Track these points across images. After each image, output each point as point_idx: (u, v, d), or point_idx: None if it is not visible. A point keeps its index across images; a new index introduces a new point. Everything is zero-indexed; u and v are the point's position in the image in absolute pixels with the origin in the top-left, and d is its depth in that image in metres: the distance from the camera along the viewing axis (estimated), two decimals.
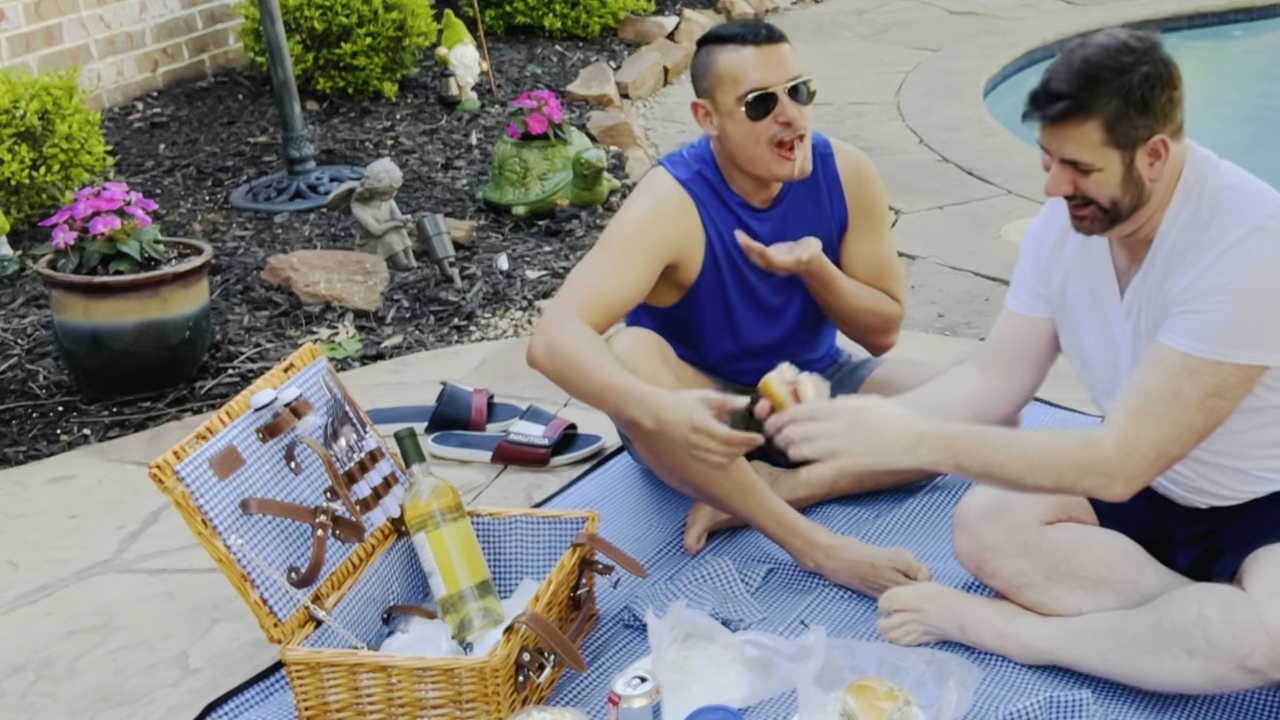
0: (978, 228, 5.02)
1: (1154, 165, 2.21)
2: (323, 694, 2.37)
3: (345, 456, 2.61)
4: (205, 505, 2.36)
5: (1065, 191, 2.26)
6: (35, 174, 4.77)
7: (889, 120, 6.46)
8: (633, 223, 2.82)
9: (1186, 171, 2.26)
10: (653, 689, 2.25)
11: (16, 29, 5.76)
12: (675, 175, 2.87)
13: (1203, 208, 2.23)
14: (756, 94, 2.74)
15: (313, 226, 5.05)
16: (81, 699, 2.61)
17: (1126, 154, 2.19)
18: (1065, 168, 2.24)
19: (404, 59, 6.39)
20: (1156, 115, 2.18)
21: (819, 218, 2.92)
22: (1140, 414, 2.20)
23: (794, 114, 2.75)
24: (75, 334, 3.69)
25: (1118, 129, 2.17)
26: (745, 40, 2.75)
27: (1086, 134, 2.18)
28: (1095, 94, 2.16)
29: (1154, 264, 2.28)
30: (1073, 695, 2.30)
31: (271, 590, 2.40)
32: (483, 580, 2.56)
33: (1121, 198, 2.23)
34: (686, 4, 8.34)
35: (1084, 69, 2.18)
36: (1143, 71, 2.17)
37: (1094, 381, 2.47)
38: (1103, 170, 2.20)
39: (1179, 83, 2.22)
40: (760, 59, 2.74)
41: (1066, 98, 2.18)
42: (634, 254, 2.78)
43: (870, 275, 2.97)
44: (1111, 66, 2.17)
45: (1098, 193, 2.23)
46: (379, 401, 3.61)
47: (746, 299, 2.92)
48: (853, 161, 2.97)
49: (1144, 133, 2.19)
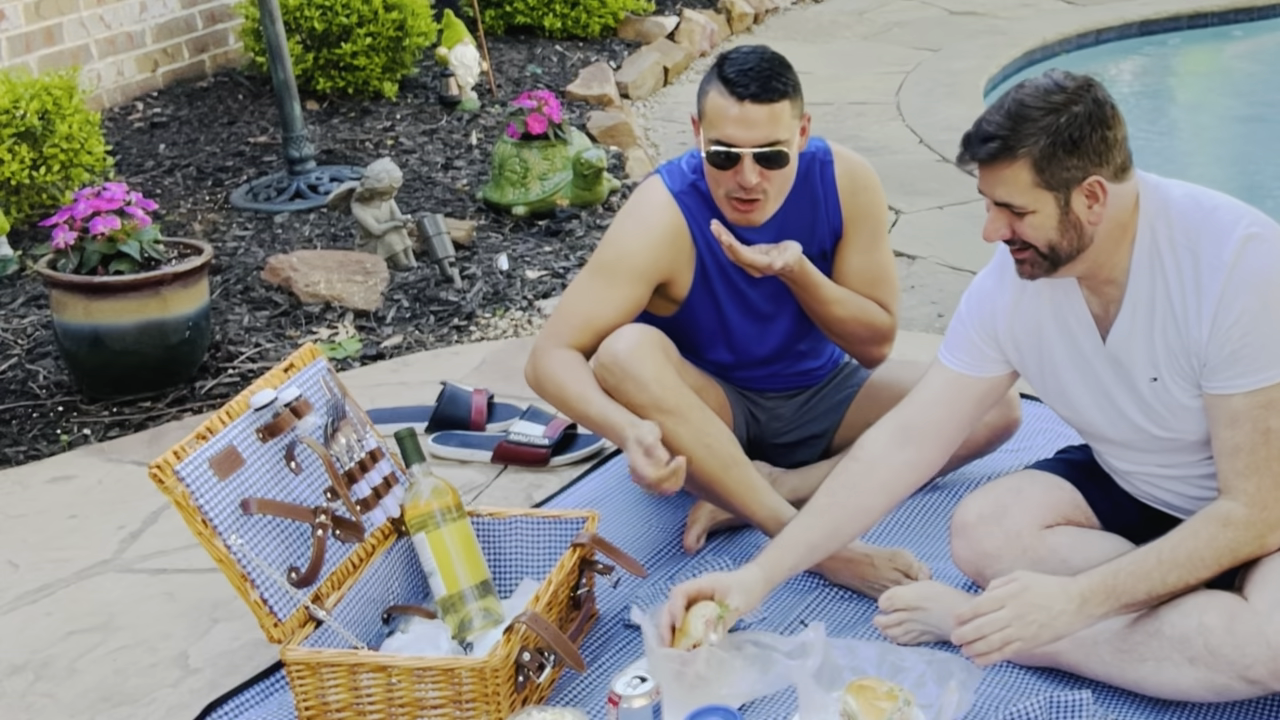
0: (978, 228, 5.00)
1: (1092, 208, 2.19)
2: (323, 694, 2.37)
3: (345, 456, 2.61)
4: (205, 505, 2.36)
5: (1003, 235, 2.25)
6: (35, 174, 4.77)
7: (889, 120, 6.46)
8: (621, 247, 2.81)
9: (1144, 203, 2.24)
10: (652, 689, 2.25)
11: (16, 29, 5.76)
12: (669, 187, 2.83)
13: (1176, 233, 2.21)
14: (722, 150, 2.68)
15: (313, 226, 5.05)
16: (81, 699, 2.61)
17: (1060, 195, 2.17)
18: (1001, 211, 2.22)
19: (404, 59, 6.39)
20: (1089, 155, 2.16)
21: (814, 227, 2.88)
22: (1251, 470, 2.20)
23: (752, 179, 2.68)
24: (75, 334, 3.69)
25: (1047, 170, 2.15)
26: (734, 90, 2.65)
27: (1016, 175, 2.17)
28: (1022, 134, 2.15)
29: (1141, 299, 2.26)
30: (1073, 695, 2.30)
31: (271, 590, 2.40)
32: (483, 580, 2.56)
33: (1059, 241, 2.21)
34: (686, 4, 8.34)
35: (1013, 109, 2.17)
36: (1073, 111, 2.15)
37: (1086, 425, 2.46)
38: (1036, 213, 2.19)
39: (1116, 123, 2.19)
40: (739, 116, 2.65)
41: (995, 139, 2.17)
42: (621, 279, 2.79)
43: (864, 285, 2.94)
44: (1040, 106, 2.16)
45: (1034, 236, 2.21)
46: (379, 401, 3.61)
47: (740, 309, 2.90)
48: (851, 170, 2.90)
49: (1077, 174, 2.16)
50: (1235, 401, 2.19)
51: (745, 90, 2.64)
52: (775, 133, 2.67)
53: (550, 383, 2.75)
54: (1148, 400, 2.32)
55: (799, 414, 3.06)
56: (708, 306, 2.89)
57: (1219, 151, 6.46)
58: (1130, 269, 2.25)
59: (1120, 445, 2.42)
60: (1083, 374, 2.38)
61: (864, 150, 3.06)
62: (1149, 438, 2.36)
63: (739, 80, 2.65)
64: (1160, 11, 8.31)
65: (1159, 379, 2.29)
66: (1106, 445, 2.47)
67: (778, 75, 2.67)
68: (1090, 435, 2.49)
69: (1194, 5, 8.42)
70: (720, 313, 2.90)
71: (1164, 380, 2.28)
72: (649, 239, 2.80)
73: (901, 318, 3.12)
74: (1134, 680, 2.33)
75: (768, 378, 3.03)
